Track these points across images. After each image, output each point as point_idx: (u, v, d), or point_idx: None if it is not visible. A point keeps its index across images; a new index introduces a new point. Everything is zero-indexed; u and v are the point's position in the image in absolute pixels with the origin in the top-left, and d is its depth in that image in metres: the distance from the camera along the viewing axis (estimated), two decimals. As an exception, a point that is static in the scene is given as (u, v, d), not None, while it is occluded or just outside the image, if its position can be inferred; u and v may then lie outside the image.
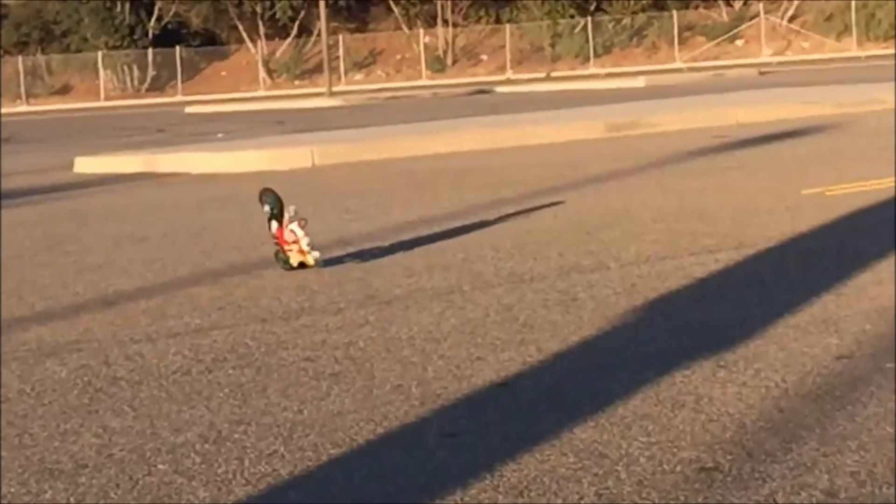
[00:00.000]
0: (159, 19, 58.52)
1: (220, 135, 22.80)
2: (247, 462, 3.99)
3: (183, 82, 58.67)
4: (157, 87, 58.90)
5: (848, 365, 4.70)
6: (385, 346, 5.43)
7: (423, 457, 3.96)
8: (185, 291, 7.01)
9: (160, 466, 4.01)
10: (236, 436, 4.26)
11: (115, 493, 3.79)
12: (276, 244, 7.36)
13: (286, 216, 7.30)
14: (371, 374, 4.98)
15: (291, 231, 7.25)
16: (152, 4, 58.14)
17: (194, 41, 60.20)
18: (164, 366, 5.31)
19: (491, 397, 4.57)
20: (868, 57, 50.50)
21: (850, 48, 53.96)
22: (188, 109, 40.02)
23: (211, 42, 61.10)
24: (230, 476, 3.88)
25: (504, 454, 3.90)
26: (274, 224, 7.33)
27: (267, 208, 7.39)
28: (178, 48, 58.81)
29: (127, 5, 57.29)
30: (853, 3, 54.65)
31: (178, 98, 54.73)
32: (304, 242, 7.22)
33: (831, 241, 7.47)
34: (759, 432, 3.98)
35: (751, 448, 3.84)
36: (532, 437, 4.05)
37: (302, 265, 7.25)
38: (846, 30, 55.31)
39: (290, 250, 7.27)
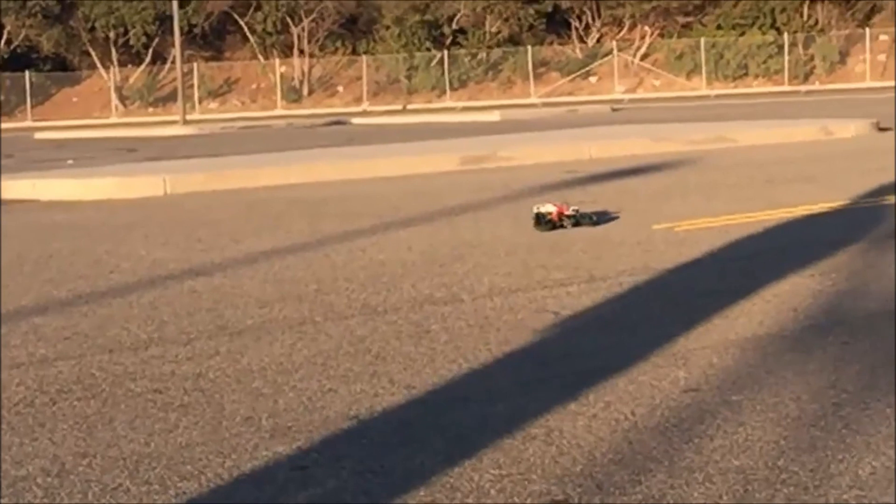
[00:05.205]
0: (8, 42, 57.51)
1: (70, 161, 22.41)
2: (91, 496, 3.90)
3: (32, 107, 57.72)
4: (5, 111, 57.82)
5: (695, 398, 4.76)
6: (236, 378, 5.36)
7: (273, 490, 3.91)
8: (30, 321, 6.85)
9: (1, 501, 3.89)
10: (81, 469, 4.16)
11: (-48, 529, 3.68)
12: (556, 216, 9.80)
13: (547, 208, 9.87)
14: (221, 405, 4.91)
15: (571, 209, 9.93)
16: (1, 27, 57.13)
17: (45, 66, 59.28)
18: (7, 397, 5.17)
19: (342, 430, 4.53)
20: (717, 96, 51.71)
21: (700, 87, 55.22)
22: (38, 135, 39.33)
23: (62, 67, 60.23)
24: (73, 510, 3.79)
25: (355, 487, 3.88)
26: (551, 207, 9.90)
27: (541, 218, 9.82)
28: (27, 72, 57.82)
29: (-25, 28, 56.22)
30: (703, 43, 55.93)
31: (28, 123, 53.82)
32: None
33: (680, 276, 7.58)
34: (609, 465, 4.01)
35: (600, 480, 3.86)
36: (383, 470, 4.03)
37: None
38: (696, 69, 56.62)
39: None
